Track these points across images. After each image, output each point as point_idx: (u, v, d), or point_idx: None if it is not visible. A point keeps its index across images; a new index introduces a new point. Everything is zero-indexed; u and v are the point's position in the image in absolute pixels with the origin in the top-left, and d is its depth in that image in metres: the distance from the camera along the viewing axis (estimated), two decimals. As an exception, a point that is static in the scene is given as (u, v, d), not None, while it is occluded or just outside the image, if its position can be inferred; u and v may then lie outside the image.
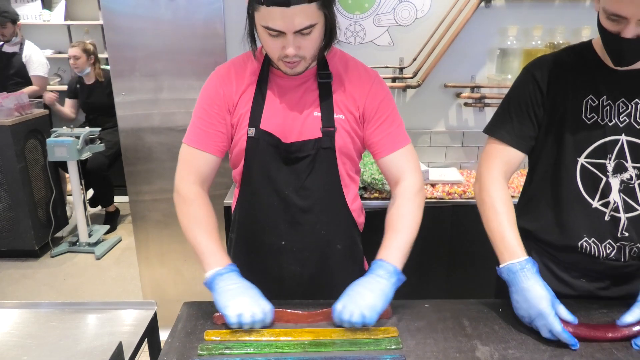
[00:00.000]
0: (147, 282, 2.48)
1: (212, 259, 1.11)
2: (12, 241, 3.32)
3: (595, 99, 1.10)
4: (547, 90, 1.13)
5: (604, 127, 1.09)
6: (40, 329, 1.07)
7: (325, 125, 1.16)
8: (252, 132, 1.16)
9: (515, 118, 1.17)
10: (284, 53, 1.06)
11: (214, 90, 1.19)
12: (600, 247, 1.14)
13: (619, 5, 0.94)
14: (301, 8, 0.98)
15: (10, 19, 3.69)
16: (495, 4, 2.14)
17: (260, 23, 1.04)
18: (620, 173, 1.11)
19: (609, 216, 1.12)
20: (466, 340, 1.02)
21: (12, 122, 3.14)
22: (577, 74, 1.11)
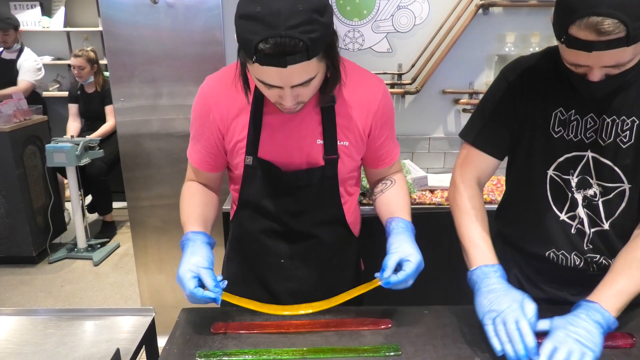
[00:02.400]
0: (145, 289, 2.47)
1: (186, 226, 1.12)
2: (10, 247, 3.30)
3: (564, 112, 1.06)
4: (520, 97, 1.10)
5: (569, 142, 1.07)
6: (37, 335, 1.06)
7: (328, 153, 1.12)
8: (250, 161, 1.12)
9: (490, 124, 1.15)
10: (280, 101, 0.99)
11: (205, 113, 1.12)
12: (569, 258, 1.14)
13: (577, 58, 0.91)
14: (299, 66, 0.88)
15: (13, 26, 3.71)
16: (493, 11, 2.15)
17: (253, 75, 0.95)
18: (584, 189, 1.09)
19: (575, 229, 1.12)
20: (466, 347, 1.02)
21: (10, 128, 3.14)
22: (550, 84, 1.07)
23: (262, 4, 0.84)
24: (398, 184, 1.24)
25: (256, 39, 0.85)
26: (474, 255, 1.08)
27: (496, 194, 2.09)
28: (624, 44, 0.83)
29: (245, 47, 0.88)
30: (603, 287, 1.00)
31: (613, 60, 0.87)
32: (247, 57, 0.90)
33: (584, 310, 0.96)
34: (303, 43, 0.85)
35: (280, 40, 0.84)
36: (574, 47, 0.88)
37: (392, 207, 1.19)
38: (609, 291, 0.99)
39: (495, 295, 0.99)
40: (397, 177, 1.26)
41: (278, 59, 0.86)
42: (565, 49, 0.92)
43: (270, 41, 0.84)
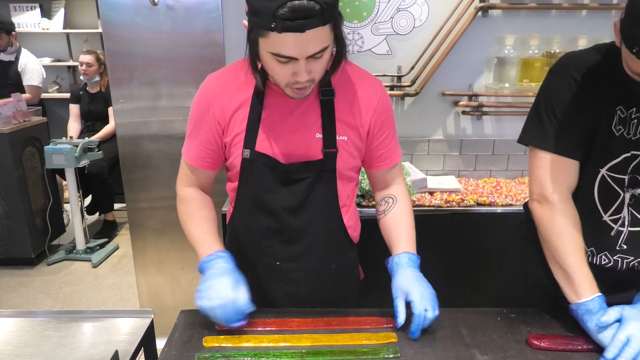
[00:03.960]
0: (144, 290, 2.47)
1: (202, 248, 1.13)
2: (9, 249, 3.30)
3: (624, 110, 1.04)
4: (586, 94, 1.05)
5: (628, 141, 1.05)
6: (35, 337, 1.06)
7: (327, 146, 1.12)
8: (247, 154, 1.13)
9: (565, 125, 1.07)
10: (293, 79, 0.99)
11: (205, 107, 1.13)
12: (596, 257, 1.13)
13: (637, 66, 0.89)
14: (315, 32, 0.91)
15: (4, 30, 3.70)
16: (492, 14, 2.16)
17: (267, 50, 0.96)
18: (632, 188, 1.07)
19: (615, 232, 1.10)
20: (464, 349, 1.01)
21: (10, 130, 3.14)
22: (609, 81, 1.03)
23: None
24: (400, 202, 1.23)
25: (274, 5, 0.87)
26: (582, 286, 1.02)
27: (495, 196, 2.09)
28: None
29: (262, 15, 0.90)
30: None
31: None
32: (264, 27, 0.91)
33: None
34: (319, 6, 0.88)
35: (297, 4, 0.87)
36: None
37: (392, 237, 1.19)
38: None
39: None
40: (398, 192, 1.25)
41: (297, 22, 0.88)
42: (632, 59, 0.90)
43: (288, 5, 0.87)
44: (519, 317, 1.13)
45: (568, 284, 1.04)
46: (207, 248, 1.12)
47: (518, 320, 1.12)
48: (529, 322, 1.11)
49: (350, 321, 1.09)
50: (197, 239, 1.15)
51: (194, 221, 1.18)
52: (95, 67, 3.67)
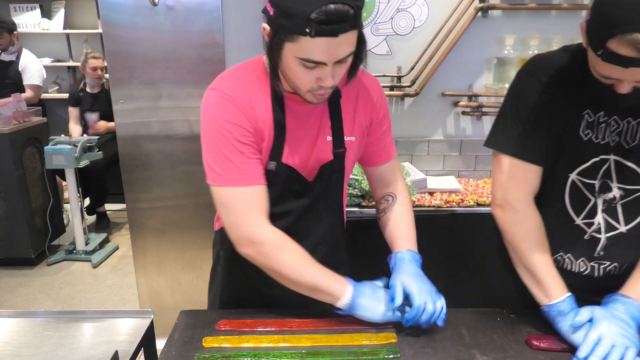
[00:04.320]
0: (144, 291, 2.47)
1: (337, 284, 1.04)
2: (9, 249, 3.30)
3: (592, 114, 1.03)
4: (553, 96, 1.04)
5: (597, 145, 1.04)
6: (35, 337, 1.06)
7: (336, 147, 1.12)
8: (273, 167, 1.07)
9: (530, 130, 1.06)
10: (318, 85, 0.97)
11: (238, 113, 1.03)
12: (574, 263, 1.13)
13: (610, 72, 0.89)
14: (346, 36, 0.89)
15: (6, 29, 3.71)
16: (492, 14, 2.16)
17: (295, 55, 0.93)
18: (604, 193, 1.07)
19: (589, 235, 1.10)
20: (464, 349, 1.01)
21: (10, 130, 3.14)
22: (577, 84, 1.02)
23: None
24: (399, 201, 1.24)
25: (309, 8, 0.85)
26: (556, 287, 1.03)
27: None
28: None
29: (296, 20, 0.87)
30: (635, 283, 1.01)
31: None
32: (296, 31, 0.89)
33: (622, 305, 0.98)
34: (353, 10, 0.87)
35: (333, 7, 0.85)
36: (610, 62, 0.86)
37: (393, 235, 1.20)
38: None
39: None
40: (398, 190, 1.25)
41: (331, 27, 0.87)
42: (598, 62, 0.89)
43: (324, 9, 0.85)
44: (519, 318, 1.13)
45: (537, 287, 1.05)
46: (340, 283, 1.05)
47: (518, 321, 1.12)
48: (529, 322, 1.11)
49: (350, 321, 1.09)
50: (324, 278, 1.04)
51: (307, 261, 1.06)
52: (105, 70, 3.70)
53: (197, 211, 2.30)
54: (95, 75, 3.71)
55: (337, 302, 1.04)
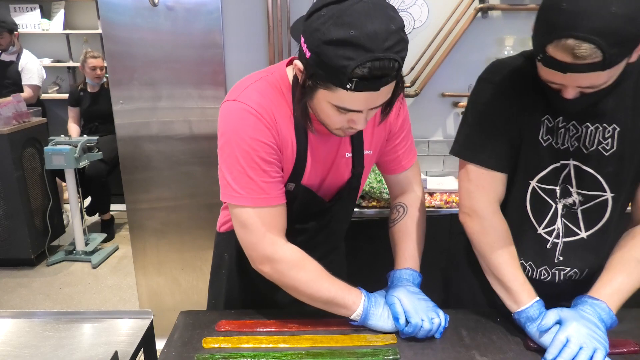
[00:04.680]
0: (143, 291, 2.47)
1: (351, 296, 1.05)
2: (8, 250, 3.29)
3: (551, 120, 1.02)
4: (513, 102, 1.03)
5: (557, 151, 1.03)
6: (35, 338, 1.06)
7: (355, 166, 1.11)
8: (291, 187, 1.05)
9: (493, 138, 1.05)
10: (349, 125, 0.94)
11: (264, 129, 0.97)
12: (536, 271, 1.14)
13: (552, 77, 0.90)
14: (387, 87, 0.86)
15: (7, 29, 3.71)
16: (492, 15, 2.16)
17: (329, 101, 0.89)
18: (564, 198, 1.07)
19: (551, 244, 1.10)
20: (464, 350, 1.01)
21: (9, 130, 3.14)
22: (535, 87, 1.01)
23: (354, 27, 0.80)
24: (410, 213, 1.21)
25: (352, 64, 0.80)
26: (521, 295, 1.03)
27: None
28: (599, 69, 0.82)
29: (336, 74, 0.83)
30: (603, 285, 1.01)
31: (587, 82, 0.87)
32: (336, 85, 0.84)
33: (591, 307, 0.98)
34: (397, 63, 0.83)
35: (378, 64, 0.81)
36: (549, 67, 0.87)
37: (397, 250, 1.19)
38: (609, 289, 1.00)
39: None
40: (410, 201, 1.22)
41: (372, 82, 0.83)
42: (541, 67, 0.90)
43: (368, 65, 0.81)
44: (519, 318, 1.13)
45: (506, 294, 1.05)
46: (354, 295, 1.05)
47: (518, 321, 1.11)
48: (529, 323, 1.11)
49: (349, 323, 1.09)
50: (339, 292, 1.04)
51: (325, 277, 1.05)
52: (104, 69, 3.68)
53: (197, 212, 2.30)
54: (94, 75, 3.71)
55: (351, 314, 1.04)
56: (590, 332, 0.93)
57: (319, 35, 0.83)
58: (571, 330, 0.94)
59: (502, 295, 1.07)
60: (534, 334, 1.00)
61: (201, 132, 2.18)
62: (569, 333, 0.93)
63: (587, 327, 0.94)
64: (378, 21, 0.81)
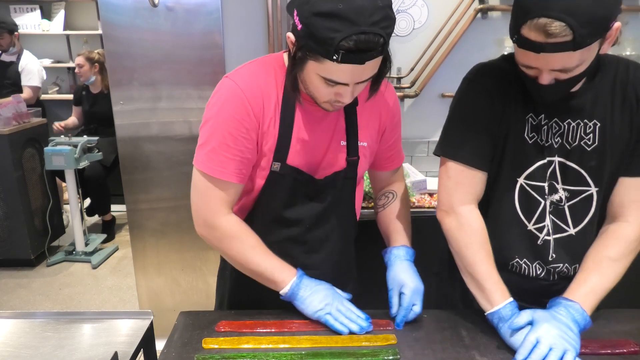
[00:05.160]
0: (143, 292, 2.47)
1: (282, 274, 1.09)
2: (8, 250, 3.29)
3: (535, 117, 1.05)
4: (497, 101, 1.06)
5: (542, 147, 1.06)
6: (35, 339, 1.06)
7: (350, 155, 1.12)
8: (277, 167, 1.07)
9: (475, 136, 1.08)
10: (336, 99, 0.98)
11: (244, 112, 1.01)
12: (531, 267, 1.14)
13: (527, 59, 0.93)
14: (373, 62, 0.90)
15: (7, 30, 3.71)
16: (491, 15, 2.16)
17: (317, 72, 0.93)
18: (550, 195, 1.08)
19: (542, 240, 1.11)
20: (464, 351, 1.01)
21: (9, 131, 3.14)
22: (518, 88, 1.05)
23: (343, 0, 0.84)
24: (399, 198, 1.26)
25: (338, 36, 0.84)
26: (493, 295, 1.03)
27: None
28: (570, 48, 0.85)
29: (323, 45, 0.87)
30: (578, 286, 1.02)
31: (560, 64, 0.89)
32: (323, 55, 0.88)
33: (565, 309, 0.98)
34: (382, 38, 0.87)
35: (363, 37, 0.85)
36: (524, 47, 0.91)
37: (390, 230, 1.23)
38: (583, 290, 1.01)
39: None
40: (398, 189, 1.28)
41: (358, 55, 0.87)
42: (517, 50, 0.94)
43: (354, 38, 0.84)
44: (519, 319, 1.12)
45: (481, 293, 1.05)
46: (287, 273, 1.09)
47: (517, 322, 1.11)
48: (529, 323, 1.11)
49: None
50: (272, 267, 1.09)
51: (258, 250, 1.10)
52: (86, 66, 3.63)
53: (197, 212, 2.30)
54: (77, 72, 3.70)
55: (280, 289, 1.09)
56: (561, 334, 0.93)
57: (308, 7, 0.87)
58: (542, 331, 0.94)
59: (476, 294, 1.07)
60: (505, 334, 1.01)
61: (201, 132, 2.18)
62: (539, 334, 0.94)
63: (558, 328, 0.94)
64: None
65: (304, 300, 1.08)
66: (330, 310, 1.07)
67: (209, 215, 1.08)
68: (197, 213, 1.11)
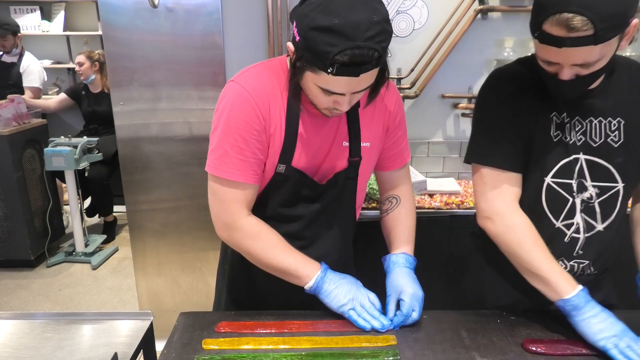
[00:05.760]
0: (143, 292, 2.47)
1: (307, 269, 1.10)
2: (8, 251, 3.29)
3: (558, 116, 1.08)
4: (520, 104, 1.09)
5: (567, 144, 1.08)
6: (35, 340, 1.06)
7: (352, 155, 1.13)
8: (282, 169, 1.09)
9: (504, 139, 1.10)
10: (334, 106, 1.01)
11: (252, 113, 1.04)
12: None
13: (549, 55, 0.95)
14: (368, 73, 0.93)
15: (11, 31, 3.72)
16: (491, 16, 2.16)
17: (314, 82, 0.96)
18: (580, 193, 1.10)
19: (569, 237, 1.12)
20: (464, 351, 1.01)
21: (9, 132, 3.14)
22: (537, 88, 1.08)
23: (338, 15, 0.87)
24: (403, 204, 1.26)
25: (334, 50, 0.87)
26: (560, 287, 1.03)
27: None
28: (591, 42, 0.88)
29: (319, 58, 0.90)
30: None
31: (581, 58, 0.92)
32: (319, 68, 0.91)
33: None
34: (377, 52, 0.89)
35: (358, 52, 0.87)
36: (546, 43, 0.93)
37: (392, 236, 1.23)
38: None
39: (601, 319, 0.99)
40: (403, 193, 1.27)
41: (353, 68, 0.89)
42: (538, 46, 0.97)
43: (348, 52, 0.87)
44: (519, 320, 1.13)
45: (547, 287, 1.05)
46: (312, 267, 1.11)
47: (518, 323, 1.11)
48: (529, 324, 1.11)
49: (350, 323, 1.09)
50: (295, 263, 1.10)
51: (281, 248, 1.11)
52: (86, 64, 3.65)
53: (197, 213, 2.30)
54: (78, 71, 3.70)
55: (304, 284, 1.10)
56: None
57: (307, 21, 0.90)
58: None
59: (542, 289, 1.06)
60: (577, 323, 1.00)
61: (201, 133, 2.18)
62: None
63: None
64: (361, 12, 0.87)
65: (329, 294, 1.09)
66: (354, 306, 1.08)
67: (229, 218, 1.10)
68: (217, 217, 1.12)
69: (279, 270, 1.11)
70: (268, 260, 1.11)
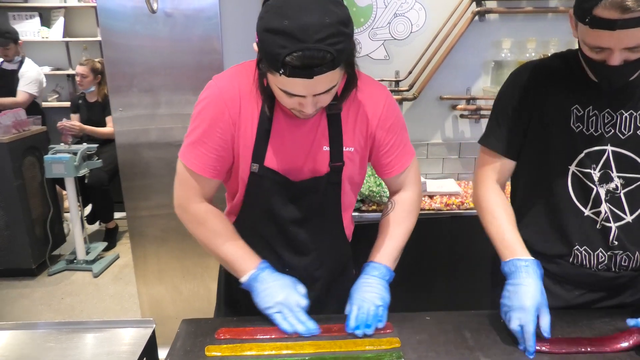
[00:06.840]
0: (145, 300, 2.46)
1: (244, 264, 1.13)
2: (9, 260, 3.28)
3: (580, 109, 1.10)
4: (531, 93, 1.13)
5: (589, 137, 1.10)
6: (37, 349, 1.05)
7: (334, 160, 1.12)
8: (256, 169, 1.10)
9: (502, 125, 1.18)
10: (299, 108, 1.00)
11: (220, 110, 1.07)
12: (592, 256, 1.14)
13: (600, 40, 0.95)
14: (324, 75, 0.91)
15: (12, 39, 3.72)
16: (489, 18, 2.16)
17: (275, 84, 0.97)
18: (606, 183, 1.11)
19: (600, 225, 1.13)
20: (468, 352, 1.01)
21: (9, 139, 3.14)
22: (561, 80, 1.11)
23: (289, 17, 0.87)
24: (395, 209, 1.24)
25: (284, 52, 0.87)
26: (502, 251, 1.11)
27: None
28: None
29: (271, 60, 0.90)
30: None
31: (634, 40, 0.92)
32: (272, 69, 0.91)
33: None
34: (330, 54, 0.88)
35: (308, 53, 0.87)
36: (598, 27, 0.93)
37: (377, 243, 1.22)
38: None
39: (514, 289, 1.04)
40: (400, 199, 1.25)
41: (305, 70, 0.89)
42: (588, 33, 0.96)
43: (299, 54, 0.87)
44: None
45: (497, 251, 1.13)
46: (248, 263, 1.13)
47: (521, 324, 1.11)
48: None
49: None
50: (234, 255, 1.14)
51: (224, 238, 1.15)
52: (90, 77, 3.65)
53: (198, 218, 2.29)
54: (78, 82, 3.70)
55: (240, 278, 1.13)
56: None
57: (262, 23, 0.91)
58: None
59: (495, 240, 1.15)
60: None
61: (201, 138, 2.18)
62: None
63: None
64: (314, 14, 0.87)
65: (259, 293, 1.10)
66: (281, 309, 1.09)
67: (183, 200, 1.17)
68: (175, 195, 1.20)
69: (221, 260, 1.17)
70: (211, 247, 1.16)
